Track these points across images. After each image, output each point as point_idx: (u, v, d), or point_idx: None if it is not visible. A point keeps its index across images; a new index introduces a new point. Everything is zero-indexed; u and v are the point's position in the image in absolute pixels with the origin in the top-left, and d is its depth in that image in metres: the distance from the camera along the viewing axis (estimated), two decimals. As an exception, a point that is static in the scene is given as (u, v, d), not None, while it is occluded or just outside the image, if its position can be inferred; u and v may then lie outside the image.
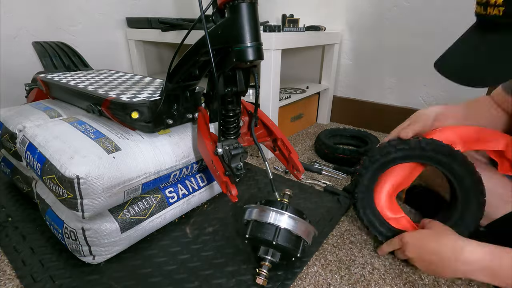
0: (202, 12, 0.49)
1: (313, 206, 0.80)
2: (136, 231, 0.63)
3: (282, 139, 0.69)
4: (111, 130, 0.65)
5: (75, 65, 1.06)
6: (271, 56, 0.95)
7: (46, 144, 0.59)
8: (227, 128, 0.64)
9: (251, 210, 0.56)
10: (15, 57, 1.13)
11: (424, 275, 0.60)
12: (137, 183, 0.61)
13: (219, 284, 0.57)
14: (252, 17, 0.50)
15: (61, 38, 1.21)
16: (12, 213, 0.77)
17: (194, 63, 0.58)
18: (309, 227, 0.55)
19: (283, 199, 0.57)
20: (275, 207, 0.54)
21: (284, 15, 1.20)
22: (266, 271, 0.53)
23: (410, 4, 1.18)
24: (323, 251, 0.67)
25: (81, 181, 0.52)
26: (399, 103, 1.35)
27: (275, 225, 0.52)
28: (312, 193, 0.87)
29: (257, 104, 0.63)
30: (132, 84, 0.82)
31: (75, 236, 0.58)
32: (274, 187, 0.60)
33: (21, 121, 0.73)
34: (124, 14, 1.43)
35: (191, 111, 0.72)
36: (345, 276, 0.60)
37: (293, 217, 0.53)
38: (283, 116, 1.23)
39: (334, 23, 1.38)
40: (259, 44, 0.51)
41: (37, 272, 0.59)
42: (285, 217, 0.53)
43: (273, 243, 0.51)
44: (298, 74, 1.59)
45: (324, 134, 1.17)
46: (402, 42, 1.24)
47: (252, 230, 0.54)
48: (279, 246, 0.52)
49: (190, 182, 0.75)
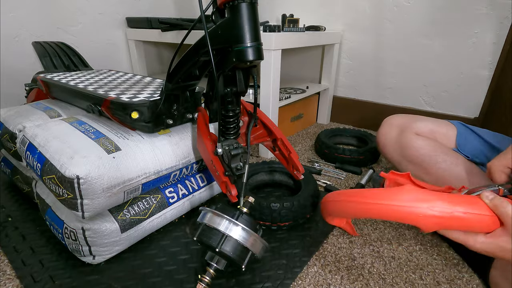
0: (202, 12, 0.49)
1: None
2: (136, 231, 0.63)
3: (282, 139, 0.69)
4: (111, 130, 0.65)
5: (75, 65, 1.06)
6: (271, 56, 0.95)
7: (46, 144, 0.59)
8: (226, 128, 0.64)
9: (204, 213, 0.54)
10: (15, 57, 1.13)
11: (424, 275, 0.60)
12: (137, 183, 0.61)
13: (219, 284, 0.57)
14: (252, 17, 0.50)
15: (61, 38, 1.21)
16: (12, 213, 0.77)
17: (194, 63, 0.58)
18: (258, 239, 0.52)
19: (242, 207, 0.54)
20: (227, 214, 0.51)
21: (284, 15, 1.20)
22: (209, 278, 0.51)
23: (410, 4, 1.18)
24: (323, 251, 0.67)
25: (81, 181, 0.52)
26: (399, 103, 1.35)
27: (221, 232, 0.50)
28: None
29: (256, 104, 0.63)
30: (132, 84, 0.82)
31: (75, 236, 0.58)
32: (243, 192, 0.57)
33: (21, 121, 0.73)
34: (124, 14, 1.43)
35: (191, 111, 0.72)
36: (345, 276, 0.60)
37: (243, 227, 0.50)
38: (283, 116, 1.23)
39: (334, 23, 1.38)
40: (259, 44, 0.51)
41: (37, 272, 0.59)
42: (233, 225, 0.50)
43: (216, 250, 0.49)
44: (298, 74, 1.59)
45: (324, 134, 1.17)
46: (402, 42, 1.24)
47: (200, 234, 0.52)
48: (223, 254, 0.50)
49: (190, 182, 0.75)
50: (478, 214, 0.42)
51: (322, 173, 1.00)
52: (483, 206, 0.43)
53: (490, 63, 1.10)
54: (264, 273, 0.60)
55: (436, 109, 1.26)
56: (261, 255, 0.54)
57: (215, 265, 0.52)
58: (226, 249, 0.49)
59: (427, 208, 0.43)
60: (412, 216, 0.45)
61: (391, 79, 1.33)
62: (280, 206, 0.69)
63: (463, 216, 0.42)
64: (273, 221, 0.70)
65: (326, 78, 1.44)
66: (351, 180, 0.97)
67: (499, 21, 1.03)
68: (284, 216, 0.70)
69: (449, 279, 0.60)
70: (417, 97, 1.29)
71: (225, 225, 0.50)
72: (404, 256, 0.65)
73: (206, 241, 0.51)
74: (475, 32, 1.08)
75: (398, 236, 0.71)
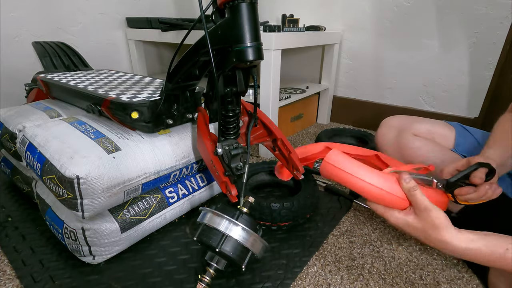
0: (202, 12, 0.49)
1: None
2: (136, 231, 0.63)
3: (281, 139, 0.69)
4: (111, 130, 0.65)
5: (75, 65, 1.06)
6: (271, 56, 0.95)
7: (46, 144, 0.59)
8: (226, 128, 0.64)
9: (204, 213, 0.54)
10: (15, 57, 1.13)
11: (424, 275, 0.60)
12: (137, 183, 0.61)
13: (219, 284, 0.57)
14: (252, 17, 0.50)
15: (61, 38, 1.21)
16: (12, 213, 0.77)
17: (194, 63, 0.58)
18: (258, 239, 0.52)
19: (241, 207, 0.55)
20: (227, 214, 0.51)
21: (284, 15, 1.20)
22: (209, 278, 0.51)
23: (410, 4, 1.18)
24: (323, 251, 0.67)
25: (81, 181, 0.52)
26: (399, 103, 1.35)
27: (221, 232, 0.50)
28: (312, 193, 0.87)
29: (256, 104, 0.63)
30: (132, 84, 0.82)
31: (75, 236, 0.58)
32: (243, 192, 0.57)
33: (21, 121, 0.73)
34: (124, 14, 1.43)
35: (191, 111, 0.72)
36: (345, 276, 0.60)
37: (243, 227, 0.50)
38: (283, 116, 1.23)
39: (334, 23, 1.38)
40: (259, 44, 0.51)
41: (37, 272, 0.59)
42: (233, 225, 0.50)
43: (217, 250, 0.49)
44: (298, 74, 1.59)
45: (324, 134, 1.17)
46: (402, 42, 1.24)
47: (200, 234, 0.52)
48: (223, 254, 0.50)
49: (190, 182, 0.75)
50: (396, 192, 0.49)
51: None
52: (397, 186, 0.49)
53: (490, 63, 1.10)
54: (264, 273, 0.60)
55: (436, 109, 1.26)
56: (261, 255, 0.54)
57: (215, 265, 0.52)
58: (226, 249, 0.49)
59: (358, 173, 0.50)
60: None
61: (391, 79, 1.33)
62: (280, 206, 0.69)
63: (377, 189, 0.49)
64: (273, 221, 0.70)
65: (326, 78, 1.44)
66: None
67: (499, 21, 1.03)
68: (284, 216, 0.70)
69: (449, 279, 0.60)
70: (417, 97, 1.29)
71: (225, 225, 0.50)
72: (404, 256, 0.65)
73: (206, 241, 0.51)
74: (475, 32, 1.08)
75: (398, 236, 0.71)
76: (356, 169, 0.50)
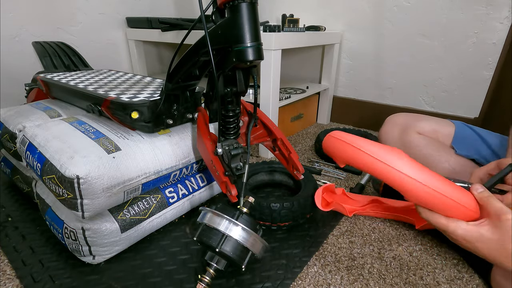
0: (202, 12, 0.49)
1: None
2: (136, 231, 0.63)
3: (281, 139, 0.69)
4: (111, 130, 0.65)
5: (75, 65, 1.06)
6: (271, 56, 0.95)
7: (46, 144, 0.59)
8: (226, 128, 0.64)
9: (204, 213, 0.54)
10: (15, 57, 1.13)
11: (424, 275, 0.60)
12: (137, 183, 0.61)
13: (219, 284, 0.57)
14: (252, 17, 0.50)
15: (61, 38, 1.21)
16: (12, 213, 0.77)
17: (194, 63, 0.58)
18: (258, 239, 0.52)
19: (242, 207, 0.54)
20: (227, 214, 0.51)
21: (284, 15, 1.20)
22: (209, 278, 0.51)
23: (410, 4, 1.18)
24: (323, 251, 0.67)
25: (81, 181, 0.52)
26: (399, 103, 1.35)
27: (221, 232, 0.50)
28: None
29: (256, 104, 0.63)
30: (132, 84, 0.82)
31: (75, 236, 0.58)
32: (243, 192, 0.57)
33: (21, 121, 0.73)
34: (124, 14, 1.43)
35: (191, 111, 0.72)
36: (345, 276, 0.60)
37: (243, 227, 0.50)
38: (283, 116, 1.23)
39: (334, 23, 1.38)
40: (259, 44, 0.51)
41: (37, 272, 0.59)
42: (233, 225, 0.50)
43: (217, 250, 0.49)
44: (298, 74, 1.59)
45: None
46: (402, 42, 1.24)
47: (200, 234, 0.52)
48: (223, 254, 0.50)
49: (190, 182, 0.75)
50: (464, 201, 0.44)
51: (322, 173, 1.00)
52: (470, 196, 0.45)
53: (490, 63, 1.10)
54: (264, 273, 0.60)
55: (436, 109, 1.26)
56: (261, 255, 0.54)
57: (215, 265, 0.52)
58: (226, 249, 0.49)
59: (414, 174, 0.44)
60: (400, 179, 0.44)
61: (391, 79, 1.33)
62: (280, 206, 0.69)
63: (449, 198, 0.44)
64: (273, 221, 0.70)
65: (326, 78, 1.44)
66: (351, 180, 0.97)
67: (499, 21, 1.03)
68: (284, 216, 0.70)
69: (449, 279, 0.60)
70: (417, 97, 1.29)
71: (225, 225, 0.50)
72: (404, 256, 0.65)
73: (206, 241, 0.51)
74: (475, 32, 1.08)
75: (398, 236, 0.71)
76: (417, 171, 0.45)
